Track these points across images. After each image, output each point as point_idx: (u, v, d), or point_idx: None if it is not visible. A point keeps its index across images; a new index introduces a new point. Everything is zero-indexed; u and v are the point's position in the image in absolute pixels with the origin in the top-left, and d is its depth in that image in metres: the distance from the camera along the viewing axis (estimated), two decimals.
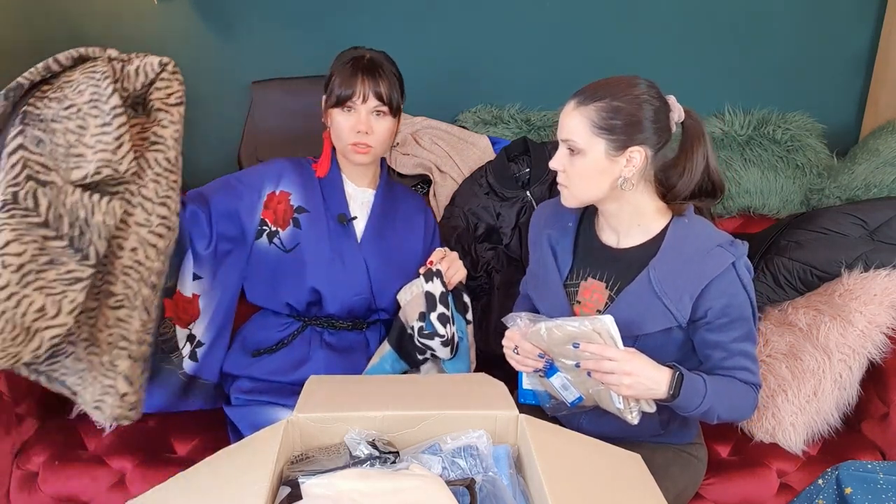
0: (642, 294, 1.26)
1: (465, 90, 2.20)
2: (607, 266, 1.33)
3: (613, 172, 1.24)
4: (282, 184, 1.58)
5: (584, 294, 1.35)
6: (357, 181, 1.62)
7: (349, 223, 1.58)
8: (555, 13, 2.13)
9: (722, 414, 1.25)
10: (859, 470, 1.14)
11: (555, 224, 1.42)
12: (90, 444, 1.64)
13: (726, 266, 1.22)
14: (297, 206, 1.56)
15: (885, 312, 1.57)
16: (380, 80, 1.50)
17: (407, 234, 1.65)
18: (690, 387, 1.20)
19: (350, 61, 1.51)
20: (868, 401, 1.65)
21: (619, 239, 1.34)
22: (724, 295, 1.22)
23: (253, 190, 1.56)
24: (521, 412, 1.10)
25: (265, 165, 1.62)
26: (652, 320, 1.26)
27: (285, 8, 2.12)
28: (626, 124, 1.21)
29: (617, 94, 1.22)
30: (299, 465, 1.02)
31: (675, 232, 1.28)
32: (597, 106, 1.22)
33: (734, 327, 1.25)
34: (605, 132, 1.22)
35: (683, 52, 2.17)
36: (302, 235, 1.55)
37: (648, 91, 1.24)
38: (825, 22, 2.14)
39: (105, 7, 2.11)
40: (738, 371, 1.27)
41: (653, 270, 1.26)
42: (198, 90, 2.20)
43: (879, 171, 2.01)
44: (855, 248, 1.67)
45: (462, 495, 0.95)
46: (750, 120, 2.14)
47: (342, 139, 1.52)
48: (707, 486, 1.52)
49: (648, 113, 1.22)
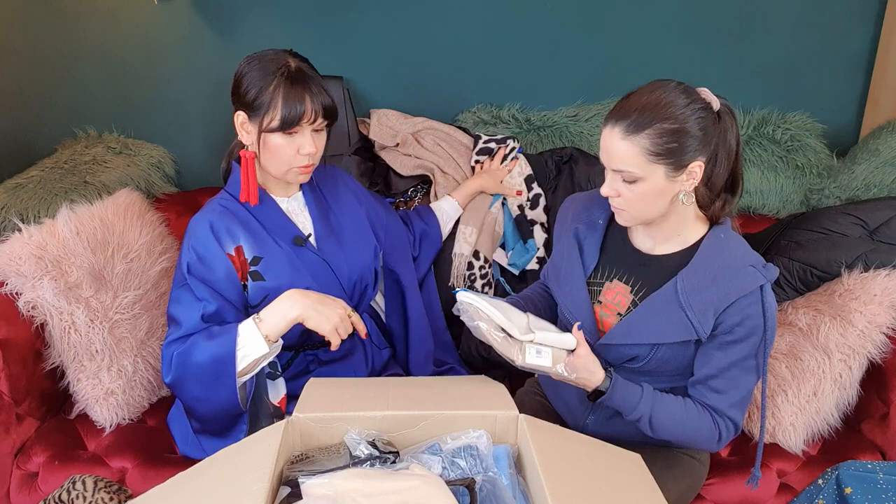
0: (667, 303, 1.24)
1: (464, 90, 2.20)
2: (635, 270, 1.31)
3: (674, 190, 1.21)
4: (230, 238, 1.43)
5: (606, 294, 1.33)
6: (285, 191, 1.52)
7: (307, 242, 1.49)
8: (555, 13, 2.13)
9: (660, 431, 1.25)
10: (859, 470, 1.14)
11: (584, 219, 1.38)
12: (90, 444, 1.64)
13: (755, 287, 1.19)
14: (252, 256, 1.43)
15: (885, 312, 1.57)
16: (320, 92, 1.37)
17: (344, 206, 1.59)
18: (621, 394, 1.23)
19: (278, 74, 1.34)
20: (868, 401, 1.65)
21: (654, 245, 1.31)
22: (741, 314, 1.20)
23: (218, 259, 1.41)
24: None
25: (201, 233, 1.42)
26: (673, 331, 1.23)
27: (285, 8, 2.12)
28: (681, 145, 1.16)
29: (663, 115, 1.15)
30: (299, 465, 1.02)
31: (709, 244, 1.25)
32: (648, 133, 1.15)
33: (734, 349, 1.22)
34: (662, 158, 1.17)
35: (683, 52, 2.17)
36: (267, 287, 1.43)
37: (686, 97, 1.17)
38: (825, 22, 2.14)
39: (105, 7, 2.11)
40: (713, 394, 1.24)
41: (681, 280, 1.23)
42: (198, 90, 2.21)
43: (879, 171, 2.01)
44: (855, 248, 1.67)
45: (462, 495, 0.95)
46: (750, 120, 2.14)
47: (285, 164, 1.39)
48: (707, 487, 1.52)
49: (697, 124, 1.16)
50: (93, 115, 2.23)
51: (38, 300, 1.58)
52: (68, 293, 1.60)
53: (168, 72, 2.18)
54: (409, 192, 2.09)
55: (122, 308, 1.67)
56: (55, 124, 2.23)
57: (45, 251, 1.61)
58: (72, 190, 1.98)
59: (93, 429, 1.66)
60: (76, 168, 2.07)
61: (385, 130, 2.11)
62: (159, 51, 2.17)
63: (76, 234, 1.67)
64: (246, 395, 1.42)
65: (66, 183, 2.00)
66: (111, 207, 1.79)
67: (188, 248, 1.42)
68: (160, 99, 2.22)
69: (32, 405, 1.64)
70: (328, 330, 1.35)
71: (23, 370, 1.59)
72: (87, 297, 1.62)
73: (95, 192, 1.98)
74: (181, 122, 2.24)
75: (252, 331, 1.35)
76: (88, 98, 2.21)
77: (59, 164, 2.08)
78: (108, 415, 1.64)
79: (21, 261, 1.58)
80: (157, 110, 2.23)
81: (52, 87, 2.20)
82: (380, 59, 2.17)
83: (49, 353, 1.63)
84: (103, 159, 2.11)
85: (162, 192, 2.18)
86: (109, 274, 1.70)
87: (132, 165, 2.13)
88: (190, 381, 1.37)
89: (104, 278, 1.68)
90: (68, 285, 1.61)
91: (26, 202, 1.94)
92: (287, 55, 1.39)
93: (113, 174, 2.08)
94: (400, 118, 2.13)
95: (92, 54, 2.16)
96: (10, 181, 2.02)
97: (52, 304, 1.58)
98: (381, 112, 2.14)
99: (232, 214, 1.46)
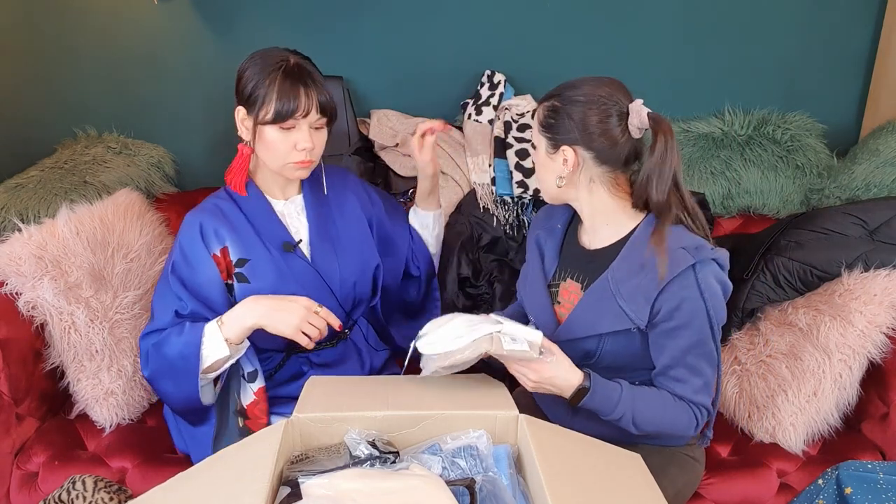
0: (602, 294, 1.27)
1: (464, 90, 2.20)
2: (583, 267, 1.35)
3: (554, 170, 1.29)
4: (216, 239, 1.44)
5: (563, 295, 1.37)
6: (283, 193, 1.51)
7: (296, 248, 1.47)
8: (555, 13, 2.13)
9: (643, 425, 1.25)
10: (859, 470, 1.14)
11: (545, 225, 1.44)
12: (90, 444, 1.64)
13: (683, 269, 1.19)
14: (238, 258, 1.44)
15: (885, 312, 1.56)
16: (316, 88, 1.37)
17: (348, 215, 1.56)
18: (601, 394, 1.22)
19: (276, 68, 1.35)
20: (868, 401, 1.65)
21: (591, 239, 1.35)
22: (676, 297, 1.20)
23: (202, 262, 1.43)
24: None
25: (190, 233, 1.44)
26: (608, 321, 1.25)
27: (285, 8, 2.12)
28: (559, 124, 1.25)
29: (563, 95, 1.26)
30: (299, 465, 1.02)
31: (640, 233, 1.27)
32: (544, 105, 1.29)
33: (681, 335, 1.22)
34: (543, 130, 1.29)
35: (683, 52, 2.17)
36: (252, 289, 1.43)
37: (602, 96, 1.23)
38: (825, 22, 2.14)
39: (105, 7, 2.11)
40: (676, 384, 1.25)
41: (611, 271, 1.26)
42: (198, 90, 2.21)
43: (879, 171, 2.01)
44: (855, 248, 1.67)
45: (462, 495, 0.95)
46: (750, 120, 2.14)
47: (281, 158, 1.39)
48: (707, 486, 1.52)
49: (589, 116, 1.23)
50: (93, 115, 2.23)
51: (38, 300, 1.58)
52: (68, 293, 1.60)
53: (168, 72, 2.19)
54: (409, 193, 2.10)
55: (122, 308, 1.67)
56: (55, 124, 2.23)
57: (45, 251, 1.61)
58: (72, 190, 1.98)
59: (93, 429, 1.66)
60: (76, 168, 2.07)
61: (385, 130, 2.11)
62: (159, 51, 2.17)
63: (76, 234, 1.67)
64: (217, 390, 1.46)
65: (65, 183, 2.00)
66: (111, 207, 1.79)
67: (177, 244, 1.45)
68: (160, 99, 2.22)
69: (32, 405, 1.64)
70: (290, 333, 1.35)
71: (23, 370, 1.59)
72: (87, 297, 1.62)
73: (95, 192, 1.98)
74: (181, 122, 2.24)
75: (215, 333, 1.37)
76: (88, 98, 2.21)
77: (59, 164, 2.08)
78: (108, 415, 1.64)
79: (21, 261, 1.57)
80: (157, 110, 2.23)
81: (52, 87, 2.20)
82: (380, 59, 2.17)
83: (49, 353, 1.63)
84: (103, 159, 2.11)
85: (162, 192, 2.18)
86: (109, 274, 1.70)
87: (132, 165, 2.13)
88: (162, 375, 1.41)
89: (104, 278, 1.68)
90: (68, 285, 1.61)
91: (26, 202, 1.94)
92: (289, 53, 1.40)
93: (113, 174, 2.08)
94: (400, 118, 2.13)
95: (92, 54, 2.16)
96: (10, 181, 2.03)
97: (52, 304, 1.58)
98: (381, 112, 2.14)
99: (223, 215, 1.46)
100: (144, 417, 1.72)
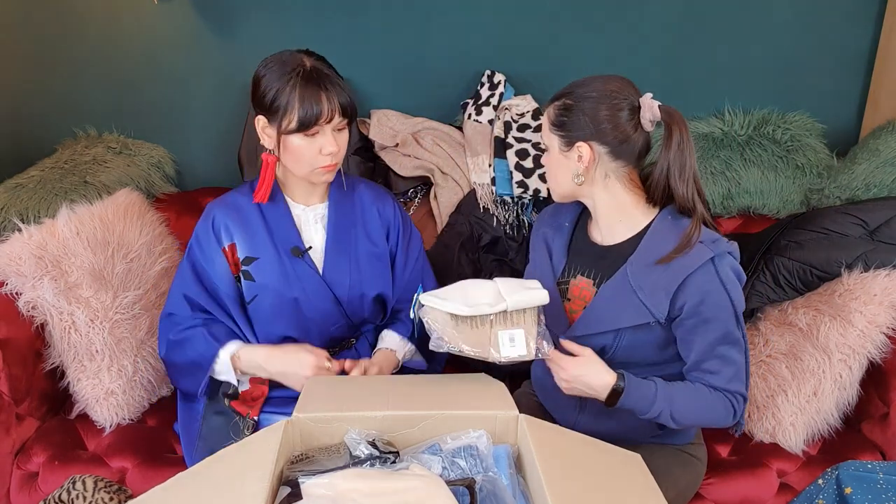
0: (619, 289, 1.28)
1: (464, 90, 2.20)
2: (594, 263, 1.35)
3: (569, 167, 1.29)
4: (225, 235, 1.47)
5: (573, 291, 1.37)
6: (306, 200, 1.50)
7: (305, 254, 1.47)
8: (555, 13, 2.13)
9: (682, 420, 1.25)
10: (859, 470, 1.14)
11: (552, 223, 1.44)
12: (90, 444, 1.64)
13: (703, 261, 1.21)
14: (245, 256, 1.46)
15: (885, 312, 1.57)
16: (336, 91, 1.35)
17: (369, 230, 1.54)
18: (636, 395, 1.22)
19: (295, 74, 1.33)
20: (868, 401, 1.65)
21: (604, 235, 1.35)
22: (700, 292, 1.21)
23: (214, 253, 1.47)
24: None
25: (205, 221, 1.49)
26: (628, 315, 1.26)
27: (285, 8, 2.12)
28: (572, 121, 1.26)
29: (575, 93, 1.27)
30: (299, 465, 1.02)
31: (656, 228, 1.28)
32: (555, 105, 1.30)
33: (710, 329, 1.23)
34: (556, 129, 1.29)
35: (684, 52, 2.17)
36: (257, 287, 1.46)
37: (613, 91, 1.24)
38: (825, 22, 2.14)
39: (105, 6, 2.11)
40: (710, 376, 1.25)
41: (630, 266, 1.27)
42: (198, 90, 2.21)
43: (879, 171, 2.01)
44: (855, 248, 1.67)
45: (462, 495, 0.95)
46: (750, 120, 2.14)
47: (308, 165, 1.38)
48: (707, 486, 1.52)
49: (601, 111, 1.24)
50: (93, 115, 2.23)
51: (38, 300, 1.58)
52: (68, 293, 1.60)
53: (168, 72, 2.18)
54: (409, 193, 2.10)
55: (122, 308, 1.67)
56: (55, 124, 2.23)
57: (45, 251, 1.61)
58: (72, 190, 1.98)
59: (93, 429, 1.66)
60: (76, 168, 2.07)
61: (385, 130, 2.11)
62: (159, 51, 2.17)
63: (76, 234, 1.67)
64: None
65: (66, 183, 2.01)
66: (111, 207, 1.79)
67: (196, 230, 1.50)
68: (160, 99, 2.22)
69: (32, 405, 1.64)
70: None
71: (23, 370, 1.59)
72: (87, 297, 1.62)
73: (95, 192, 1.99)
74: (181, 122, 2.24)
75: (228, 362, 1.45)
76: (88, 98, 2.21)
77: (59, 164, 2.08)
78: (108, 415, 1.64)
79: (21, 261, 1.58)
80: (157, 110, 2.23)
81: (52, 87, 2.20)
82: (380, 59, 2.17)
83: (49, 353, 1.63)
84: (103, 159, 2.11)
85: (162, 192, 2.18)
86: (109, 274, 1.69)
87: (132, 165, 2.13)
88: (173, 363, 1.52)
89: (104, 278, 1.68)
90: (68, 285, 1.61)
91: (26, 202, 1.94)
92: (303, 55, 1.38)
93: (113, 174, 2.08)
94: (400, 118, 2.13)
95: (92, 54, 2.16)
96: (10, 181, 2.03)
97: (52, 304, 1.58)
98: (381, 112, 2.14)
99: (236, 211, 1.48)
100: (144, 417, 1.72)
